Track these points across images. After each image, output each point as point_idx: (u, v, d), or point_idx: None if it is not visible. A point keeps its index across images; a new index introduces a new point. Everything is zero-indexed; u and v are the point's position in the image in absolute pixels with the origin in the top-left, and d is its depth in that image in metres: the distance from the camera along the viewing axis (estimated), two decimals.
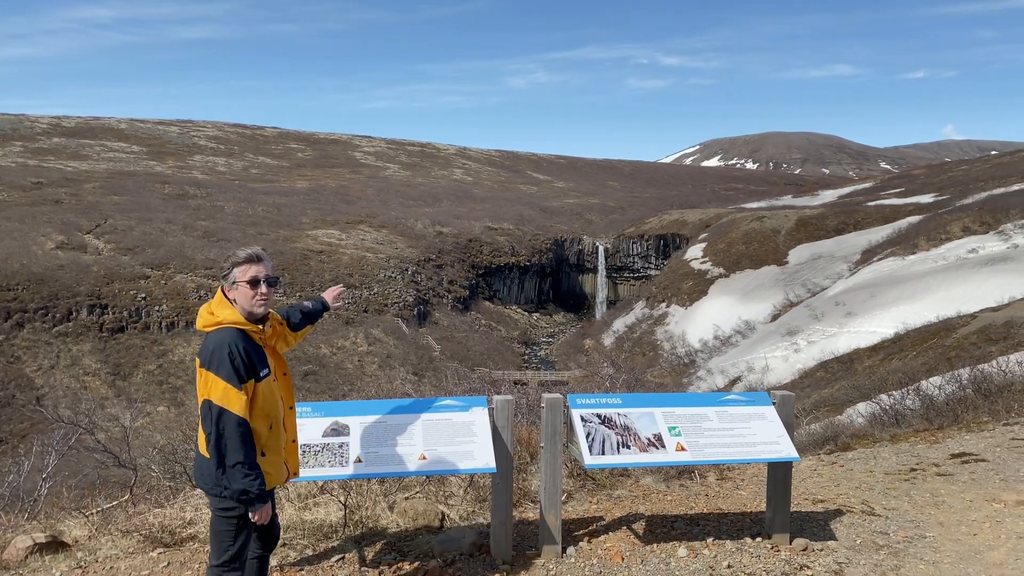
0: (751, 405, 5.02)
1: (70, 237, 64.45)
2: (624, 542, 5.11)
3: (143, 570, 4.70)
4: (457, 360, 62.15)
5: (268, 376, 3.60)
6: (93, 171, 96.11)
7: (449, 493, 5.86)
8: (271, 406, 3.61)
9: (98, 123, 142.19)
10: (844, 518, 5.73)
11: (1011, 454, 8.22)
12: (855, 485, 6.92)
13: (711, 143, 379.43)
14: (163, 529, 5.17)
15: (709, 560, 4.84)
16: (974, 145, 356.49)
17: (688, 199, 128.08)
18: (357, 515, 5.39)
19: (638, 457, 4.67)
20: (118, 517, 5.65)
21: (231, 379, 3.38)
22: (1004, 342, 36.08)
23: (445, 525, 5.40)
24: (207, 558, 4.86)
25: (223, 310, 3.55)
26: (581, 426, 4.75)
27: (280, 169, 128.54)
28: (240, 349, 3.44)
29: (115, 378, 52.62)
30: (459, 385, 9.86)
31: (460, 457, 4.47)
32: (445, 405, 4.70)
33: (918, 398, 16.70)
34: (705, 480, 6.74)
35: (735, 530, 5.41)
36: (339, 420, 4.51)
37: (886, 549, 5.09)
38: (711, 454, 4.74)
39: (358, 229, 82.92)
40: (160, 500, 5.93)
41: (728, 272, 75.30)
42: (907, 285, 55.48)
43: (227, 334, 3.47)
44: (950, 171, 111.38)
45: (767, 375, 51.33)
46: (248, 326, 3.55)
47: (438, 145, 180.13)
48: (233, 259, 3.63)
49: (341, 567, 4.73)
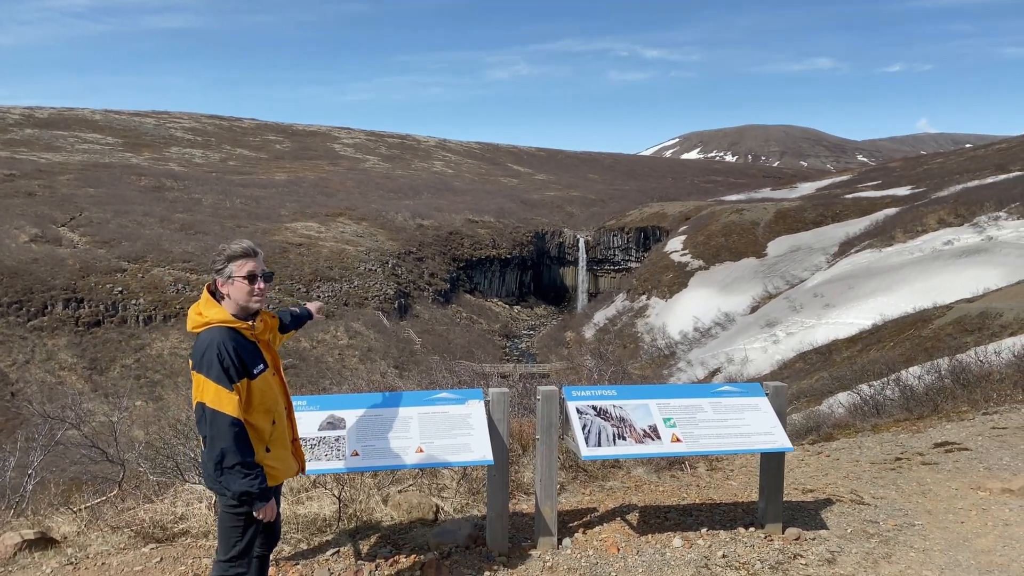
0: (745, 396, 5.05)
1: (44, 230, 63.57)
2: (619, 533, 5.13)
3: (136, 566, 4.65)
4: (438, 353, 62.02)
5: (265, 371, 3.51)
6: (67, 163, 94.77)
7: (442, 486, 5.85)
8: (271, 401, 3.53)
9: (72, 114, 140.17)
10: (834, 507, 5.79)
11: (993, 443, 8.34)
12: (843, 475, 6.99)
13: (691, 136, 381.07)
14: (154, 524, 5.12)
15: (704, 550, 4.87)
16: (949, 138, 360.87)
17: (668, 192, 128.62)
18: (351, 509, 5.36)
19: (634, 448, 4.69)
20: (107, 513, 5.59)
21: (221, 380, 3.29)
22: (979, 332, 36.63)
23: (439, 518, 5.39)
24: (200, 553, 4.82)
25: (210, 309, 3.44)
26: (577, 418, 4.76)
27: (258, 161, 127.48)
28: (229, 349, 3.34)
29: (92, 372, 52.04)
30: (447, 378, 9.86)
31: (457, 450, 4.45)
32: (441, 398, 4.69)
33: (898, 388, 16.92)
34: (696, 471, 6.78)
35: (728, 520, 5.45)
36: (335, 413, 4.48)
37: (877, 537, 5.15)
38: (706, 445, 4.76)
39: (338, 222, 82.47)
40: (149, 495, 5.87)
41: (708, 264, 75.77)
42: (884, 277, 56.14)
43: (216, 334, 3.36)
44: (926, 164, 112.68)
45: (746, 366, 51.75)
46: (237, 323, 3.44)
47: (418, 137, 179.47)
48: (228, 253, 3.49)
49: (337, 561, 4.71)
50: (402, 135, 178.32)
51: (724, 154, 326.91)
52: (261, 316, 3.62)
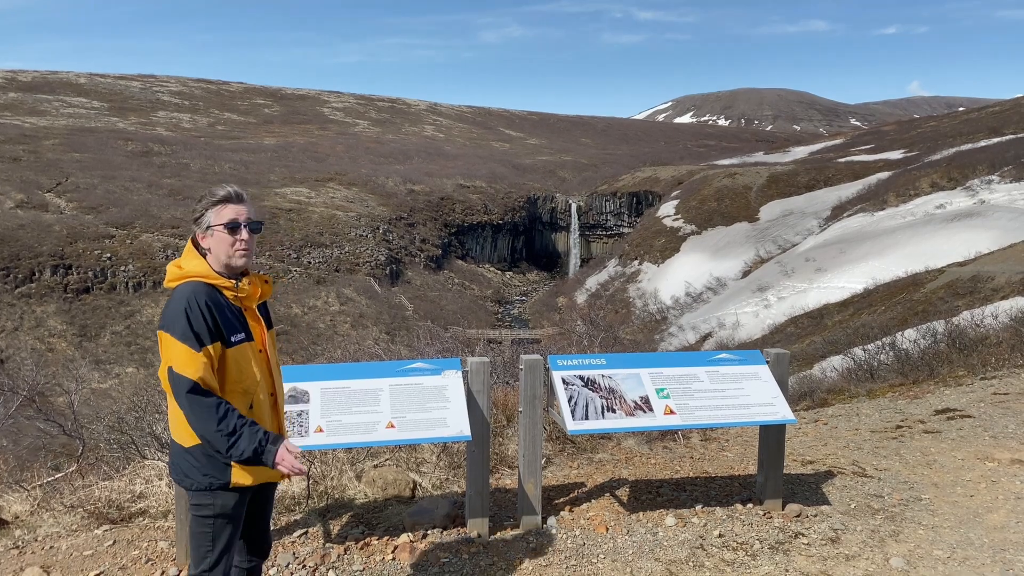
0: (744, 364, 4.70)
1: (30, 196, 62.63)
2: (608, 510, 4.80)
3: (86, 549, 4.31)
4: (430, 319, 61.78)
5: (245, 343, 2.95)
6: (52, 127, 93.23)
7: (421, 460, 5.51)
8: (249, 379, 2.95)
9: (56, 77, 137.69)
10: (836, 480, 5.48)
11: (996, 409, 8.05)
12: (843, 444, 6.69)
13: (684, 99, 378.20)
14: (110, 504, 4.77)
15: (699, 529, 4.55)
16: (942, 101, 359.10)
17: (661, 156, 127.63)
18: (322, 486, 5.02)
19: (624, 422, 4.34)
20: (63, 491, 5.23)
21: (187, 339, 2.76)
22: (971, 296, 36.53)
23: (417, 495, 5.05)
24: (157, 535, 4.48)
25: (190, 262, 2.93)
26: (563, 389, 4.40)
27: (247, 125, 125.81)
28: (202, 303, 2.81)
29: (82, 339, 51.65)
30: (431, 345, 9.49)
31: (432, 424, 4.09)
32: (415, 368, 4.31)
33: (892, 352, 16.69)
34: (689, 441, 6.46)
35: (724, 495, 5.13)
36: (297, 386, 4.09)
37: (882, 513, 4.84)
38: (702, 417, 4.42)
39: (328, 187, 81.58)
40: (110, 472, 5.51)
41: (700, 229, 75.41)
42: (876, 240, 55.94)
43: (190, 288, 2.84)
44: (919, 127, 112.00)
45: (738, 331, 51.72)
46: (218, 280, 2.91)
47: (408, 101, 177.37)
48: (208, 198, 2.98)
49: (304, 543, 4.37)
50: (392, 99, 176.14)
51: (717, 118, 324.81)
52: (251, 278, 3.06)
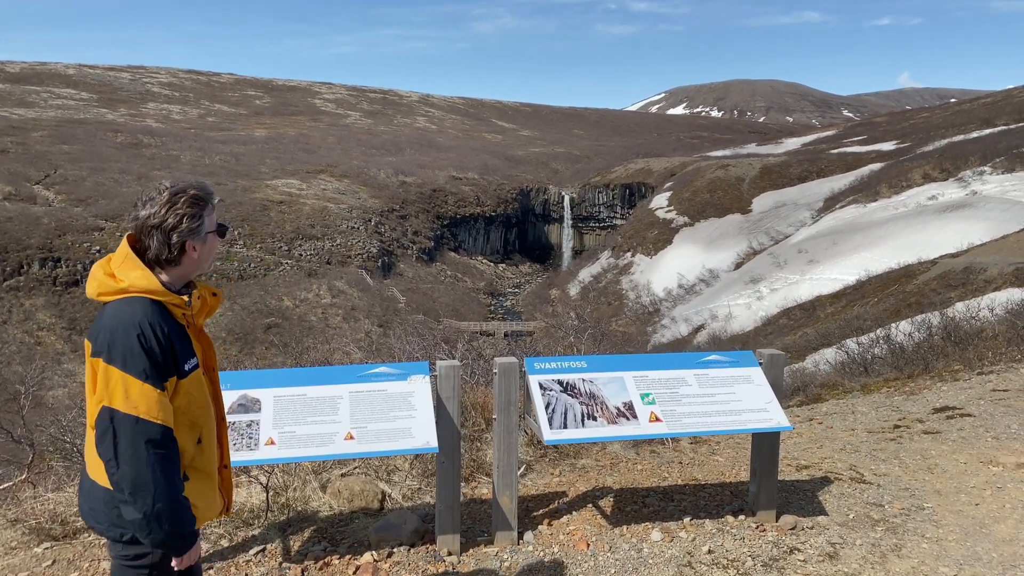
0: (735, 367, 4.37)
1: (18, 188, 61.96)
2: (590, 524, 4.47)
3: (21, 571, 3.96)
4: (423, 312, 61.44)
5: (196, 368, 2.49)
6: (40, 119, 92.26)
7: (393, 468, 5.17)
8: (199, 409, 2.49)
9: (44, 68, 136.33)
10: (833, 487, 5.16)
11: (996, 408, 7.76)
12: (839, 447, 6.38)
13: (677, 91, 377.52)
14: (54, 518, 4.42)
15: (687, 544, 4.22)
16: (934, 93, 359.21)
17: (654, 148, 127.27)
18: (283, 497, 4.68)
19: (606, 431, 4.00)
20: (8, 503, 4.89)
21: (149, 377, 2.27)
22: (963, 287, 36.41)
23: (386, 506, 4.72)
24: (100, 554, 4.13)
25: (131, 272, 2.35)
26: (540, 395, 4.06)
27: (237, 117, 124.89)
28: (160, 331, 2.31)
29: (71, 333, 51.15)
30: (413, 343, 9.15)
31: (395, 435, 3.74)
32: (378, 373, 3.96)
33: (887, 346, 16.44)
34: (678, 445, 6.14)
35: (714, 506, 4.81)
36: (248, 393, 3.74)
37: (883, 524, 4.53)
38: (690, 425, 4.08)
39: (319, 179, 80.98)
40: (61, 482, 5.16)
41: (693, 221, 75.16)
42: (868, 232, 55.80)
43: (138, 307, 2.31)
44: (911, 119, 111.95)
45: (730, 323, 51.59)
46: (168, 296, 2.38)
47: (400, 92, 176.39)
48: (206, 200, 2.45)
49: (261, 562, 4.03)
50: (384, 90, 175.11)
51: (710, 109, 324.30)
52: (199, 291, 2.54)
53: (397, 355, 8.43)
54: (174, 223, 2.37)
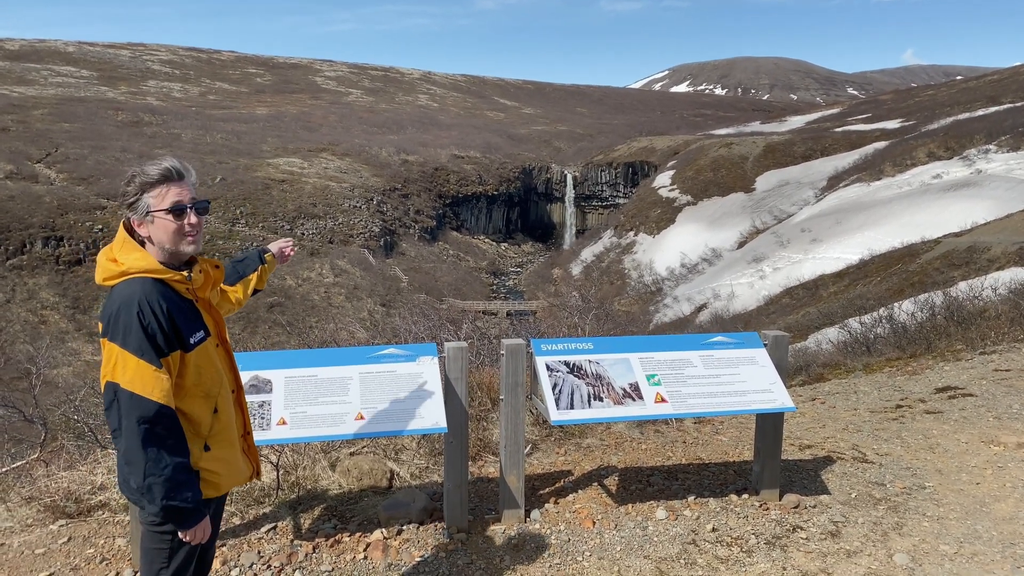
0: (740, 348, 4.41)
1: (19, 167, 61.89)
2: (595, 502, 4.54)
3: (38, 547, 4.04)
4: (425, 291, 61.54)
5: (205, 340, 2.59)
6: (41, 97, 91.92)
7: (400, 447, 5.24)
8: (211, 380, 2.59)
9: (44, 46, 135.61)
10: (835, 467, 5.22)
11: (999, 388, 7.80)
12: (841, 426, 6.44)
13: (680, 68, 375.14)
14: (68, 496, 4.49)
15: (691, 522, 4.29)
16: (940, 70, 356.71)
17: (657, 126, 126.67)
18: (293, 476, 4.75)
19: (612, 411, 4.06)
20: (23, 481, 4.96)
21: (144, 352, 2.37)
22: (967, 267, 36.38)
23: (394, 485, 4.79)
24: (115, 531, 4.21)
25: (129, 254, 2.49)
26: (547, 376, 4.12)
27: (238, 95, 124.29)
28: (159, 307, 2.42)
29: (75, 311, 51.32)
30: (418, 324, 9.21)
31: (405, 416, 3.81)
32: (388, 355, 4.01)
33: (889, 325, 16.47)
34: (682, 424, 6.21)
35: (718, 485, 4.87)
36: (259, 374, 3.80)
37: (884, 503, 4.59)
38: (695, 405, 4.14)
39: (320, 157, 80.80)
40: (73, 461, 5.23)
41: (696, 200, 75.00)
42: (872, 211, 55.66)
43: (137, 287, 2.42)
44: (916, 96, 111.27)
45: (732, 302, 51.59)
46: (167, 273, 2.50)
47: (402, 69, 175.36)
48: (142, 178, 2.52)
49: (272, 539, 4.11)
50: (386, 68, 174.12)
51: (714, 87, 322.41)
52: (200, 264, 2.66)
53: (403, 336, 8.49)
54: (125, 203, 2.56)
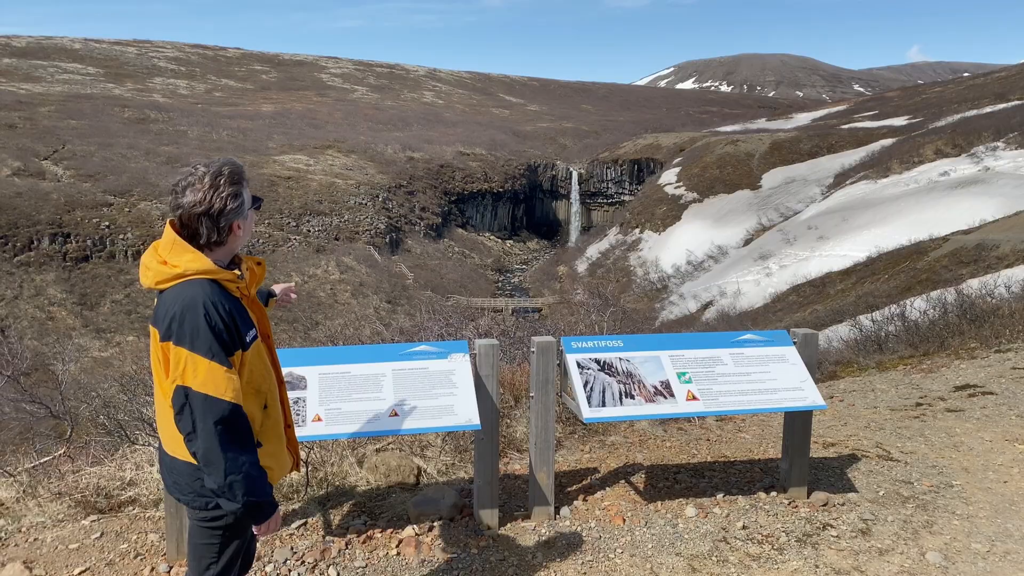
0: (769, 346, 4.41)
1: (27, 163, 62.01)
2: (624, 499, 4.55)
3: (71, 542, 4.06)
4: (431, 288, 61.60)
5: (256, 339, 2.59)
6: (48, 94, 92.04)
7: (426, 443, 5.25)
8: (261, 377, 2.60)
9: (51, 43, 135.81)
10: (861, 464, 5.22)
11: (1018, 386, 7.79)
12: (863, 424, 6.44)
13: (686, 65, 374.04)
14: (99, 492, 4.52)
15: (721, 520, 4.30)
16: (947, 67, 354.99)
17: (663, 123, 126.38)
18: (322, 472, 4.77)
19: (644, 409, 4.06)
20: (51, 477, 4.98)
21: (215, 354, 2.35)
22: (975, 264, 36.26)
23: (421, 481, 4.80)
24: (147, 527, 4.23)
25: (182, 256, 2.42)
26: (578, 374, 4.12)
27: (244, 92, 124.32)
28: (223, 308, 2.40)
29: (82, 308, 51.44)
30: (434, 319, 9.21)
31: (438, 412, 3.82)
32: (420, 351, 4.02)
33: (901, 323, 16.41)
34: (704, 422, 6.21)
35: (745, 482, 4.87)
36: (294, 371, 3.81)
37: (912, 502, 4.59)
38: (727, 403, 4.14)
39: (326, 154, 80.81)
40: (99, 456, 5.25)
41: (702, 197, 74.85)
42: (879, 208, 55.47)
43: (198, 289, 2.39)
44: (923, 93, 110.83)
45: (739, 299, 51.51)
46: (222, 273, 2.46)
47: (407, 66, 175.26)
48: (236, 171, 2.50)
49: (303, 535, 4.12)
50: (391, 64, 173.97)
51: (719, 84, 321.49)
52: (245, 262, 2.64)
53: (426, 335, 8.50)
54: (220, 207, 2.44)
